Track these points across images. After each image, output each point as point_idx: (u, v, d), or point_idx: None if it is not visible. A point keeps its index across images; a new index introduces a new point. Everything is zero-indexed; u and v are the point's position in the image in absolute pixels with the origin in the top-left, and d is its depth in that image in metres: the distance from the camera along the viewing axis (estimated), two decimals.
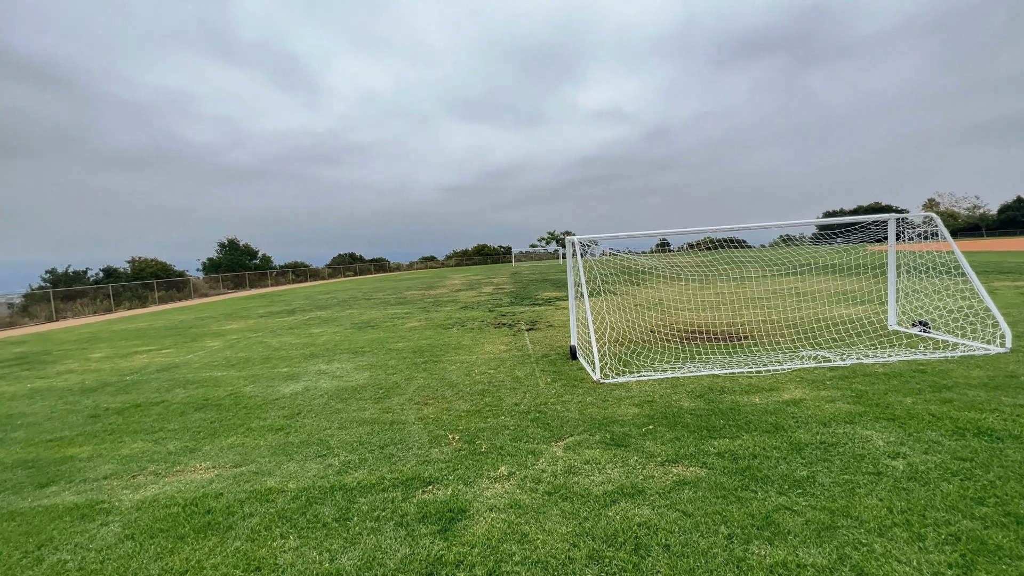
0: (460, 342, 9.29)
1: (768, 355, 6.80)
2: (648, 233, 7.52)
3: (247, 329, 13.28)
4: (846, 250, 27.22)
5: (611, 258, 12.42)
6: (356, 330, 11.70)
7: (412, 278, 39.91)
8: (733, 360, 6.61)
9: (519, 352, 8.12)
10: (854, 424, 4.21)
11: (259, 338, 11.44)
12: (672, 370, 6.27)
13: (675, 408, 4.90)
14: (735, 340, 7.98)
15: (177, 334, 13.21)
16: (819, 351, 6.78)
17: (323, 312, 16.35)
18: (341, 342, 10.11)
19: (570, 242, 7.49)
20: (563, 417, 4.87)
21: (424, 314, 14.06)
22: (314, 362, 8.29)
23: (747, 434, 4.14)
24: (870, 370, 5.77)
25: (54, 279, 26.99)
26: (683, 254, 29.08)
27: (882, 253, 15.40)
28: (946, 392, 4.85)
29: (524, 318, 12.02)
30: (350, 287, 31.62)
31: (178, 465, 4.34)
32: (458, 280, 31.41)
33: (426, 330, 11.00)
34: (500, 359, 7.68)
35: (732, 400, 5.03)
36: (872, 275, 14.77)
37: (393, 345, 9.38)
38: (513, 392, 5.85)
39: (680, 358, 6.96)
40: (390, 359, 8.13)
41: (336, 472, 3.96)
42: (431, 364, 7.58)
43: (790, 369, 5.99)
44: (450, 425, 4.87)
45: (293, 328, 12.81)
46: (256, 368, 8.13)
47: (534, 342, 8.92)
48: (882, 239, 9.05)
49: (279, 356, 9.03)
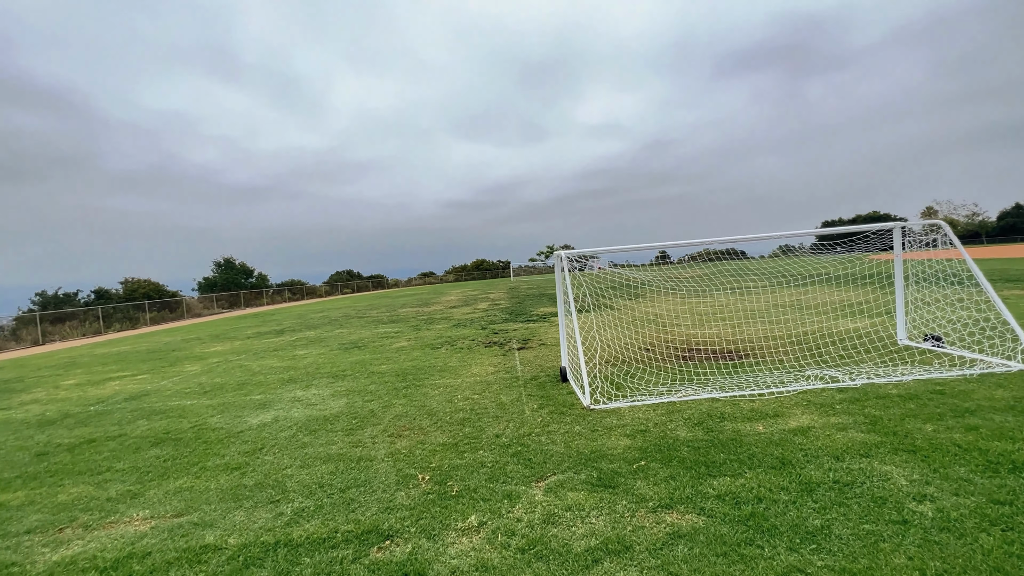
0: (447, 364, 8.83)
1: (771, 375, 6.34)
2: (639, 247, 7.14)
3: (230, 351, 12.82)
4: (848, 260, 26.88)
5: (608, 272, 12.03)
6: (342, 351, 11.24)
7: (409, 295, 39.51)
8: (734, 381, 6.15)
9: (507, 374, 7.66)
10: (871, 458, 3.74)
11: (240, 361, 10.98)
12: (668, 393, 5.81)
13: (670, 439, 4.43)
14: (736, 358, 7.52)
15: (157, 358, 12.75)
16: (826, 370, 6.32)
17: (312, 332, 15.91)
18: (323, 365, 9.65)
19: (558, 256, 7.09)
20: (547, 451, 4.41)
21: (415, 333, 13.62)
22: (291, 388, 7.83)
23: (750, 471, 3.68)
24: (883, 391, 5.31)
25: (43, 301, 26.64)
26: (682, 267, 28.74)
27: (887, 263, 15.00)
28: (970, 417, 4.38)
29: (516, 336, 11.57)
30: (345, 305, 31.21)
31: (113, 515, 3.87)
32: (454, 296, 31.00)
33: (414, 350, 10.55)
34: (486, 382, 7.22)
35: (733, 429, 4.57)
36: (877, 286, 14.35)
37: (377, 368, 8.92)
38: (496, 421, 5.39)
39: (677, 379, 6.50)
40: (371, 384, 7.67)
41: (286, 523, 3.49)
42: (413, 389, 7.12)
43: (796, 391, 5.53)
44: (422, 462, 4.40)
45: (278, 350, 12.36)
46: (229, 395, 7.67)
47: (524, 362, 8.46)
48: (886, 248, 8.67)
49: (255, 382, 8.57)
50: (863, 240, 9.07)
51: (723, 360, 7.44)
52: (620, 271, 12.84)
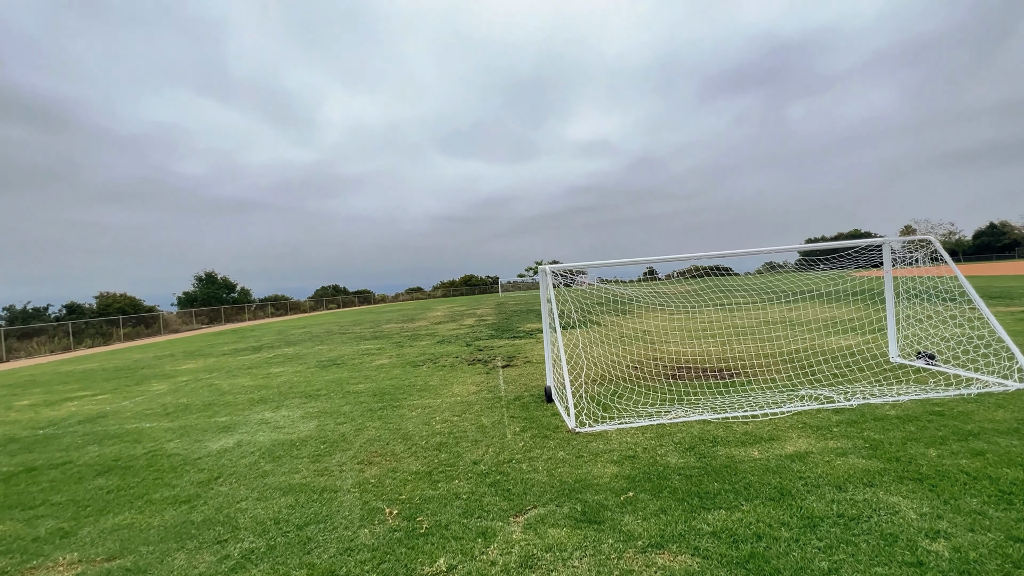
0: (427, 383, 8.45)
1: (764, 395, 6.09)
2: (625, 262, 6.91)
3: (202, 369, 12.25)
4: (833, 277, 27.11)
5: (596, 288, 11.81)
6: (319, 369, 10.77)
7: (395, 310, 38.94)
8: (726, 402, 5.88)
9: (490, 394, 7.31)
10: (875, 487, 3.47)
11: (211, 380, 10.45)
12: (658, 415, 5.51)
13: (661, 466, 4.12)
14: (726, 377, 7.27)
15: (124, 376, 12.12)
16: (820, 389, 6.09)
17: (291, 349, 15.37)
18: (298, 384, 9.19)
19: (543, 271, 6.83)
20: (528, 480, 4.06)
21: (397, 350, 13.19)
22: (259, 409, 7.37)
23: (747, 503, 3.38)
24: (880, 413, 5.07)
25: (11, 316, 25.56)
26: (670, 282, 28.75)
27: (874, 280, 15.02)
28: (974, 441, 4.15)
29: (501, 353, 11.22)
30: (329, 320, 30.56)
31: (37, 558, 3.42)
32: (441, 312, 30.57)
33: (394, 368, 10.14)
34: (467, 403, 6.85)
35: (727, 454, 4.28)
36: (863, 302, 14.33)
37: (353, 387, 8.50)
38: (475, 446, 5.03)
39: (667, 399, 6.22)
40: (345, 404, 7.25)
41: (231, 568, 3.09)
42: (389, 410, 6.72)
43: (790, 412, 5.27)
44: (392, 493, 4.02)
45: (252, 368, 11.83)
46: (192, 417, 7.18)
47: (508, 381, 8.12)
48: (873, 265, 8.60)
49: (223, 402, 8.08)
50: (850, 256, 9.01)
51: (714, 379, 7.19)
52: (608, 287, 12.63)
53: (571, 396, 5.49)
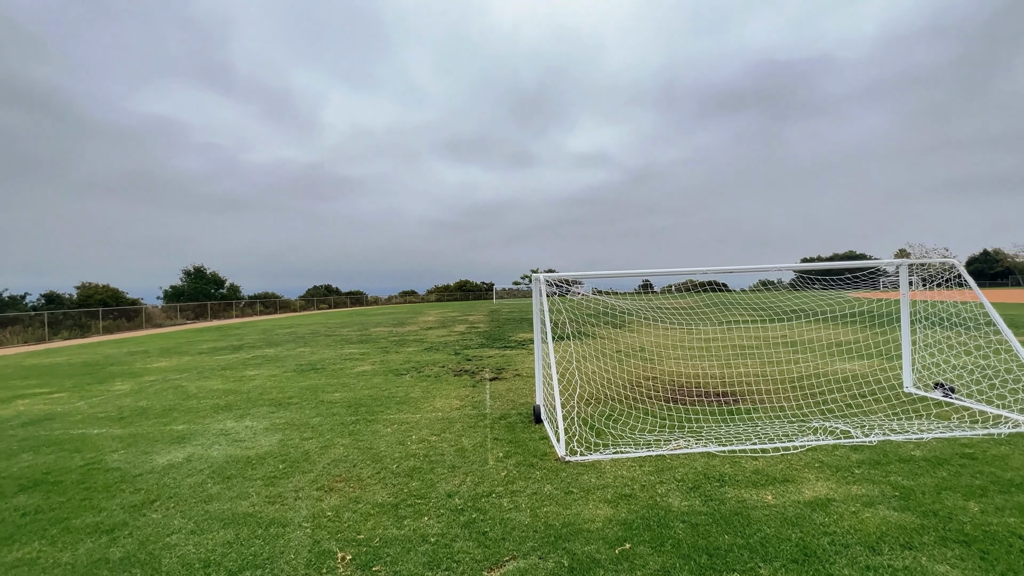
0: (408, 394, 7.87)
1: (772, 425, 5.57)
2: (623, 273, 6.42)
3: (174, 368, 11.58)
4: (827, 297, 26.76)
5: (591, 299, 11.32)
6: (296, 374, 10.16)
7: (386, 313, 38.24)
8: (731, 432, 5.35)
9: (474, 410, 6.74)
10: (915, 550, 2.94)
11: (179, 381, 9.80)
12: (656, 445, 4.97)
13: (662, 509, 3.58)
14: (730, 402, 6.76)
15: (88, 373, 11.42)
16: (833, 421, 5.58)
17: (272, 350, 14.72)
18: (270, 389, 8.57)
19: (536, 280, 6.31)
20: (508, 521, 3.50)
21: (381, 355, 12.58)
22: (222, 417, 6.77)
23: (766, 564, 2.84)
24: (904, 452, 4.56)
25: None
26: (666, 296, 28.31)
27: (875, 302, 14.60)
28: (1018, 494, 3.64)
29: (490, 364, 10.66)
30: (317, 321, 29.85)
31: None
32: (432, 317, 29.95)
33: (375, 376, 9.54)
34: (449, 420, 6.29)
35: (737, 497, 3.74)
36: (865, 325, 13.90)
37: (328, 396, 7.90)
38: (451, 473, 4.46)
39: (666, 426, 5.68)
40: (316, 415, 6.66)
41: None
42: (362, 425, 6.14)
43: (804, 447, 4.75)
44: (349, 531, 3.45)
45: (227, 369, 11.18)
46: (146, 424, 6.56)
47: (495, 396, 7.56)
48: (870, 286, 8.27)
49: (185, 407, 7.46)
50: (848, 278, 8.64)
51: (716, 404, 6.66)
52: (603, 298, 12.14)
53: (562, 420, 4.94)
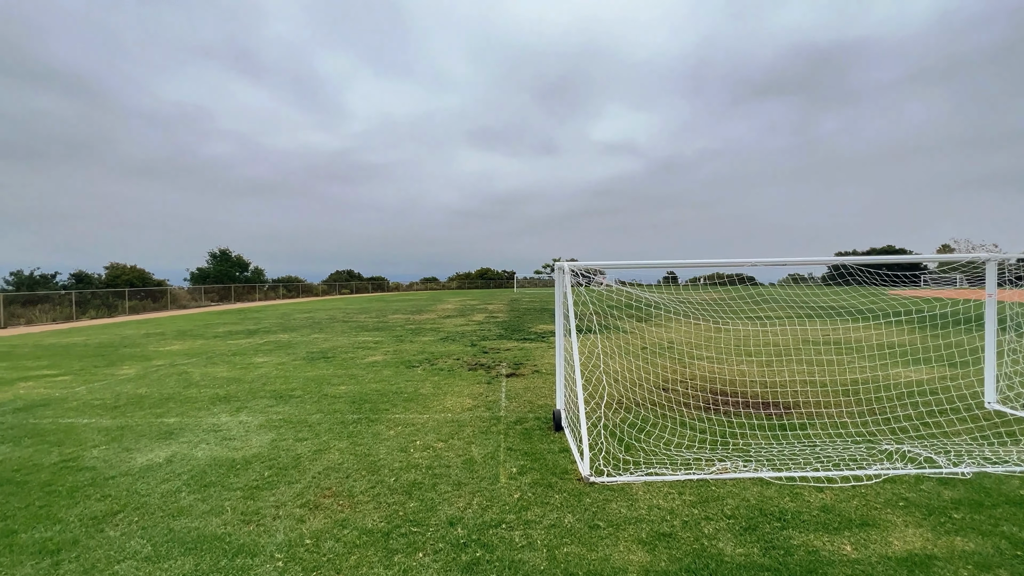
0: (418, 390, 7.29)
1: (834, 446, 4.76)
2: (651, 264, 5.63)
3: (185, 352, 11.33)
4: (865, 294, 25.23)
5: (615, 290, 10.52)
6: (305, 362, 9.73)
7: (406, 299, 38.07)
8: (785, 452, 4.57)
9: (488, 411, 6.11)
10: None
11: (186, 366, 9.49)
12: (697, 466, 4.24)
13: (710, 556, 2.87)
14: (778, 413, 5.94)
15: (100, 355, 11.27)
16: (910, 445, 4.72)
17: (285, 335, 14.42)
18: (274, 379, 8.13)
19: (560, 269, 5.58)
20: (519, 565, 2.85)
21: (395, 344, 12.09)
22: (218, 410, 6.32)
23: None
24: (1010, 491, 3.71)
25: (17, 282, 25.34)
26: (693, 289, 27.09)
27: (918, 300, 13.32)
28: None
29: (508, 358, 10.02)
30: (336, 306, 29.79)
31: None
32: (451, 305, 29.51)
33: (385, 368, 9.02)
34: (459, 422, 5.67)
35: (806, 546, 2.99)
36: (914, 326, 12.70)
37: (333, 389, 7.39)
38: (456, 492, 3.84)
39: (705, 441, 4.93)
40: (316, 412, 6.14)
41: None
42: (363, 426, 5.58)
43: (879, 477, 3.94)
44: (328, 567, 2.86)
45: (236, 355, 10.86)
46: (139, 415, 6.16)
47: (511, 395, 6.92)
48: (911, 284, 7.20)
49: (184, 397, 7.06)
50: (907, 275, 7.57)
51: (763, 414, 5.85)
52: (629, 290, 11.32)
53: (586, 433, 4.24)
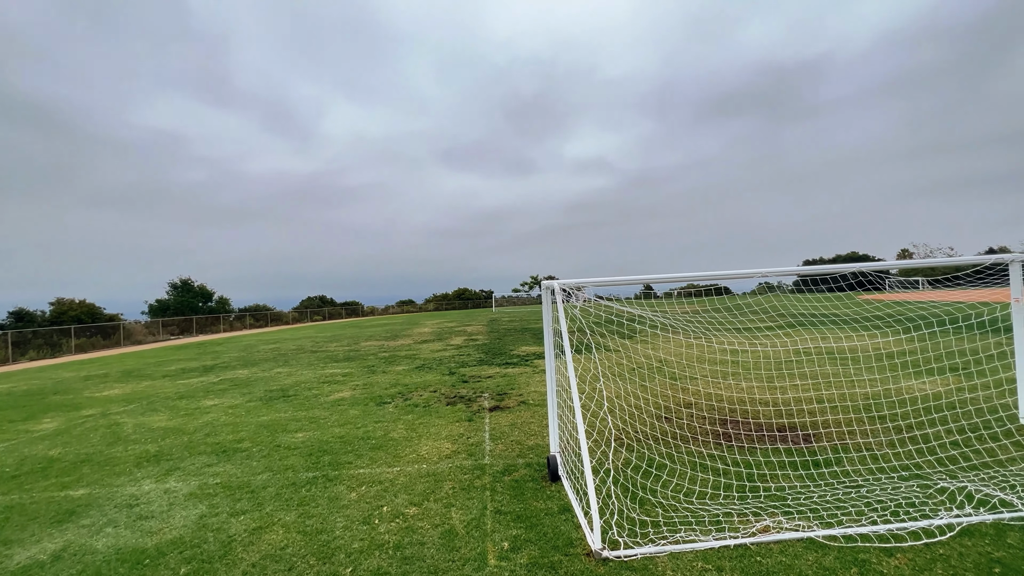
0: (388, 434, 6.32)
1: (879, 483, 4.04)
2: (638, 279, 4.94)
3: (124, 397, 10.01)
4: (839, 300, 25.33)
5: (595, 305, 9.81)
6: (261, 404, 8.60)
7: (380, 324, 36.64)
8: (828, 498, 3.82)
9: (469, 459, 5.21)
10: None
11: (120, 416, 8.24)
12: (729, 524, 3.44)
13: None
14: (801, 441, 5.22)
15: (21, 405, 9.83)
16: (964, 477, 4.04)
17: (245, 371, 13.14)
18: (221, 428, 7.02)
19: (547, 288, 4.81)
20: None
21: (366, 377, 11.03)
22: (143, 473, 5.22)
23: None
24: None
25: None
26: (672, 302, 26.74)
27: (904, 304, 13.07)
28: None
29: (490, 387, 9.12)
30: (306, 335, 28.25)
31: None
32: (428, 328, 28.37)
33: (353, 407, 7.99)
34: (436, 476, 4.75)
35: None
36: (896, 329, 12.39)
37: (288, 438, 6.35)
38: None
39: (731, 487, 4.14)
40: (263, 471, 5.12)
41: None
42: (319, 488, 4.60)
43: (953, 529, 3.22)
44: None
45: (183, 397, 9.62)
46: (41, 486, 5.01)
47: (496, 435, 6.03)
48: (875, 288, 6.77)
49: (104, 457, 5.91)
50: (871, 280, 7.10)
51: (784, 444, 5.13)
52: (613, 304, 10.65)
53: (594, 493, 3.39)
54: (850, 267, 4.93)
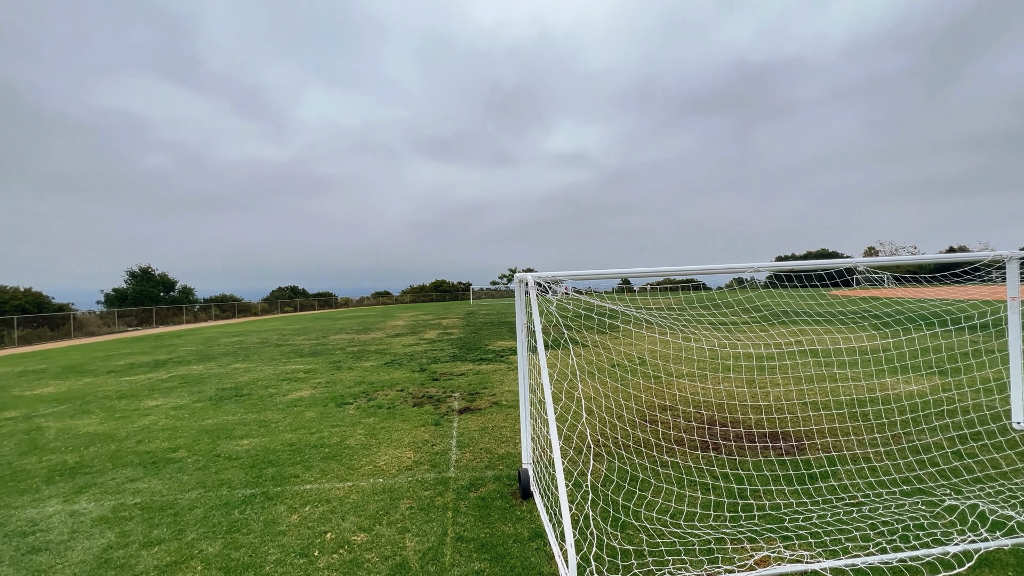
0: (345, 440, 5.73)
1: (882, 501, 3.68)
2: (616, 272, 4.46)
3: (55, 397, 9.08)
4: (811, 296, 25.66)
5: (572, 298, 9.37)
6: (209, 404, 7.86)
7: (353, 316, 35.57)
8: (828, 519, 3.43)
9: (432, 471, 4.67)
10: None
11: (44, 419, 7.38)
12: (722, 553, 3.01)
13: None
14: (790, 450, 4.87)
15: None
16: (970, 493, 3.72)
17: (200, 367, 12.25)
18: (157, 433, 6.30)
19: (520, 281, 4.29)
20: None
21: (330, 374, 10.34)
22: (49, 492, 4.51)
23: None
24: None
25: None
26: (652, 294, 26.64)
27: (862, 300, 13.10)
28: None
29: (462, 386, 8.58)
30: (274, 327, 27.09)
31: None
32: (403, 321, 27.58)
33: (310, 408, 7.34)
34: (392, 493, 4.20)
35: None
36: (863, 325, 12.38)
37: (232, 445, 5.69)
38: None
39: (722, 505, 3.72)
40: (193, 488, 4.47)
41: None
42: (256, 509, 3.99)
43: (971, 558, 2.86)
44: None
45: (124, 397, 8.77)
46: None
47: (464, 441, 5.50)
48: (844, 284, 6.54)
49: (12, 470, 5.14)
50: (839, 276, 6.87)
51: (775, 454, 4.76)
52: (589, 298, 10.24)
53: (569, 523, 2.89)
54: (848, 262, 4.55)
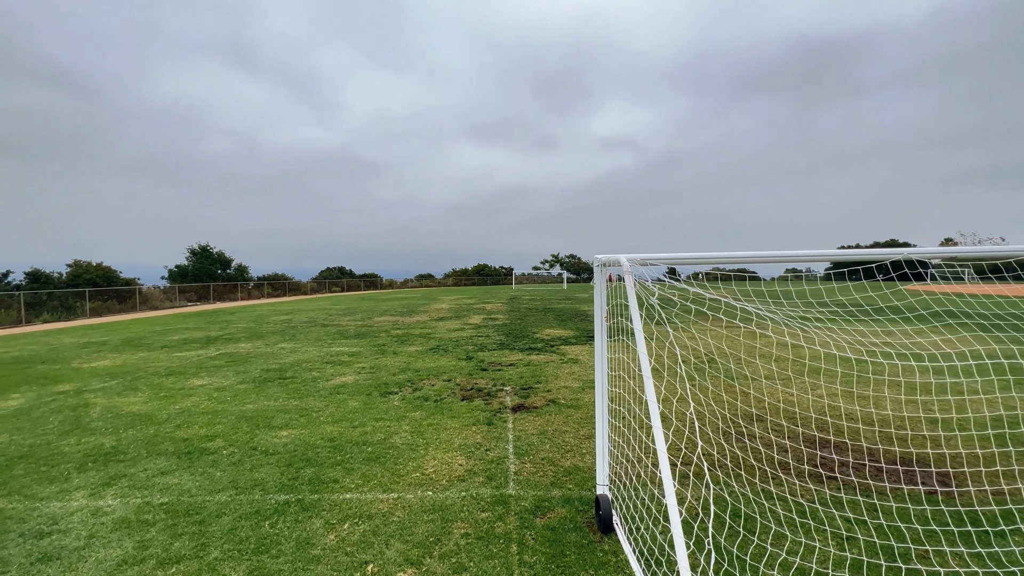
0: (389, 438, 5.16)
1: None
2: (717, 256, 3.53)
3: (108, 371, 9.15)
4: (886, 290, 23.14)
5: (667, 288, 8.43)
6: (252, 387, 7.57)
7: (398, 298, 35.83)
8: None
9: (489, 484, 3.99)
10: None
11: (94, 395, 7.31)
12: None
13: None
14: (943, 483, 3.83)
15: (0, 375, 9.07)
16: None
17: (246, 345, 12.23)
18: (198, 416, 5.99)
19: (606, 263, 3.46)
20: None
21: (375, 358, 9.94)
22: (79, 481, 4.17)
23: None
24: None
25: None
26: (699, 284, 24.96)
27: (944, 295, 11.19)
28: None
29: (513, 379, 7.89)
30: (321, 306, 27.54)
31: None
32: (446, 304, 27.33)
33: (353, 396, 6.87)
34: (443, 512, 3.54)
35: None
36: (962, 327, 10.62)
37: (271, 436, 5.25)
38: None
39: (860, 565, 2.81)
40: (225, 487, 4.00)
41: None
42: (289, 521, 3.44)
43: None
44: None
45: (172, 374, 8.69)
46: None
47: (523, 447, 4.80)
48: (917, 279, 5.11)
49: (48, 452, 4.91)
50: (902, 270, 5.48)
51: (923, 487, 3.74)
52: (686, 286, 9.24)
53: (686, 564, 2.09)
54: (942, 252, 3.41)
